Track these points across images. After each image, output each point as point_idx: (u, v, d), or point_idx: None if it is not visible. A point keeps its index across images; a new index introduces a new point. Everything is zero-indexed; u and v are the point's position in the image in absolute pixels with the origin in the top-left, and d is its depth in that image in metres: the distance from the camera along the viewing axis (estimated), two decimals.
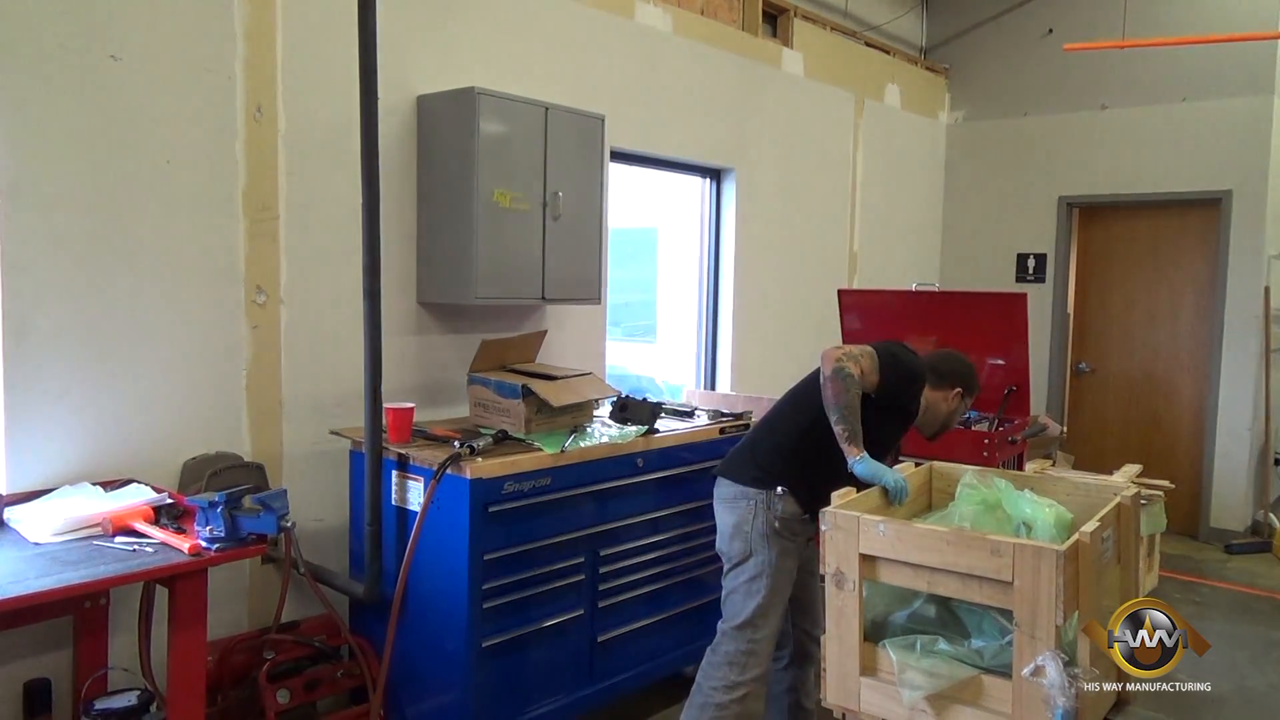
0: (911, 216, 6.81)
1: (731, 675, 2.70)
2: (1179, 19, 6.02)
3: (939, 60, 7.04)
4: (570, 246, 3.66)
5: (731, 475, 2.82)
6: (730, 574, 2.78)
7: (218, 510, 2.28)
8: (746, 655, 2.70)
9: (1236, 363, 5.96)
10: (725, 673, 2.70)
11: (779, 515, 2.71)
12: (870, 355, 2.71)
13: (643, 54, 4.54)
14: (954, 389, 2.90)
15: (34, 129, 2.59)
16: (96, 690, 2.57)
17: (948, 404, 2.91)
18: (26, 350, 2.60)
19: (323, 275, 3.26)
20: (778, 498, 2.71)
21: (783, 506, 2.71)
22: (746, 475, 2.78)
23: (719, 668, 2.72)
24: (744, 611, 2.71)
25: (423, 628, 2.97)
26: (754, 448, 2.85)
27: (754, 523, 2.71)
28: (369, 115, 2.88)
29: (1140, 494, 2.76)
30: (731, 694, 2.69)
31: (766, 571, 2.70)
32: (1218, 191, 5.98)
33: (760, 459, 2.79)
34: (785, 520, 2.71)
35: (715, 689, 2.71)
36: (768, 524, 2.70)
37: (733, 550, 2.76)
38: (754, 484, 2.75)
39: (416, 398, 3.41)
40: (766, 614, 2.71)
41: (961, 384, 2.91)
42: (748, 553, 2.72)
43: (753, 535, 2.71)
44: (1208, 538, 6.05)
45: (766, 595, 2.70)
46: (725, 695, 2.69)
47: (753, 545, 2.71)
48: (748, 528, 2.72)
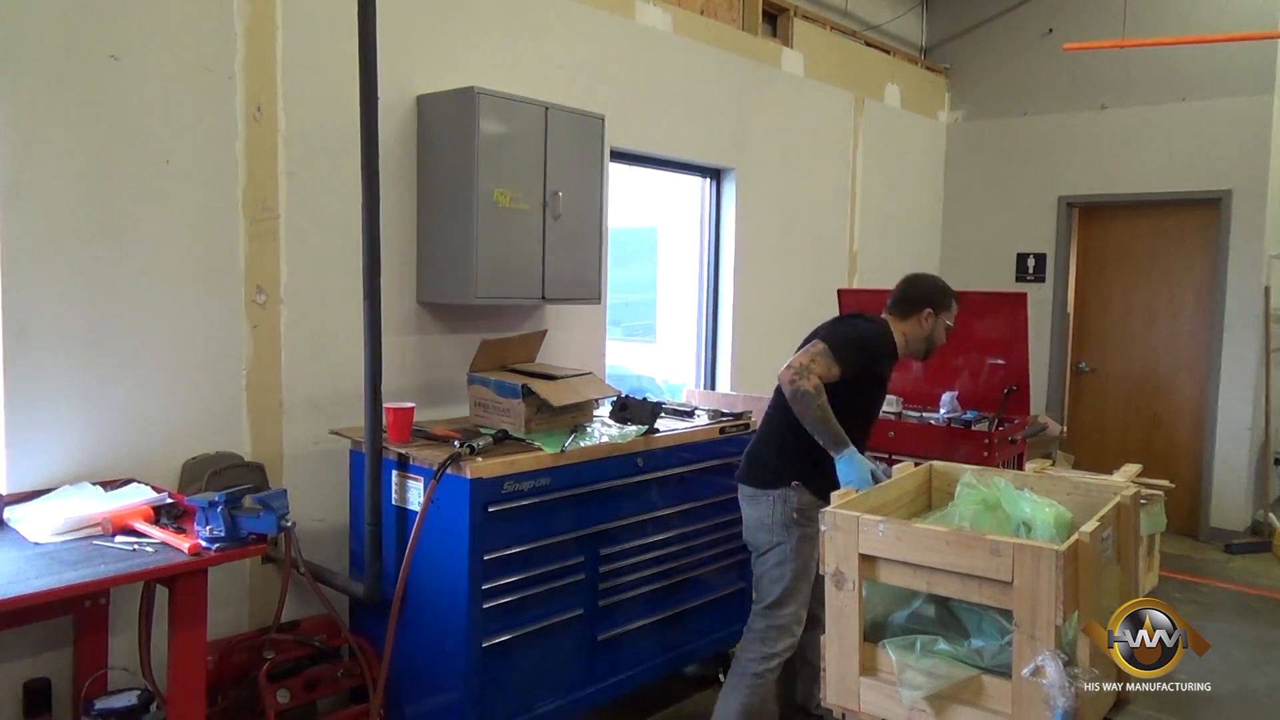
0: (911, 216, 6.81)
1: (764, 649, 2.96)
2: (1179, 19, 6.02)
3: (939, 60, 7.04)
4: (570, 246, 3.66)
5: (748, 481, 3.04)
6: (758, 561, 3.02)
7: (218, 510, 2.28)
8: (778, 630, 2.96)
9: (1236, 363, 5.96)
10: (759, 648, 2.97)
11: (795, 507, 2.93)
12: (821, 354, 2.81)
13: (643, 54, 4.54)
14: (923, 311, 3.03)
15: (34, 129, 2.59)
16: (96, 690, 2.57)
17: (922, 327, 3.04)
18: (27, 350, 2.60)
19: (323, 275, 3.26)
20: (792, 491, 2.93)
21: (798, 498, 2.93)
22: (760, 478, 3.00)
23: (753, 644, 2.99)
24: (771, 593, 2.96)
25: (423, 627, 2.97)
26: (760, 450, 3.06)
27: (774, 516, 2.95)
28: (369, 115, 2.88)
29: (1140, 494, 2.76)
30: (765, 664, 2.96)
31: (790, 558, 2.94)
32: (1218, 191, 5.98)
33: (768, 461, 3.00)
34: (802, 510, 2.92)
35: (751, 660, 2.97)
36: (786, 515, 2.93)
37: (758, 541, 3.00)
38: (768, 485, 2.97)
39: (416, 397, 3.41)
40: (793, 594, 2.95)
41: (929, 304, 3.03)
42: (772, 542, 2.96)
43: (774, 526, 2.95)
44: (1208, 537, 6.05)
45: (791, 579, 2.94)
46: (760, 665, 2.96)
47: (775, 535, 2.95)
48: (769, 520, 2.96)
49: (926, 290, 3.08)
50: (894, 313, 3.09)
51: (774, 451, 3.00)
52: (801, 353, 2.86)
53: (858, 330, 2.98)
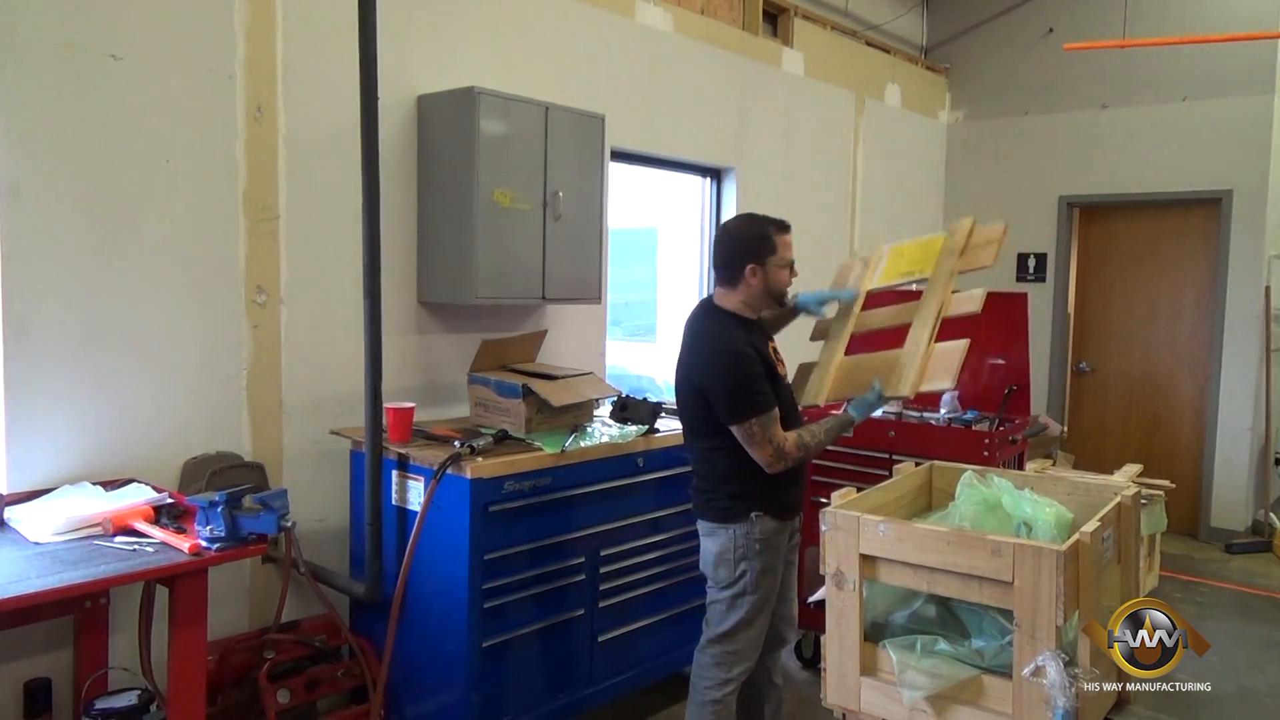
0: (912, 216, 6.80)
1: (721, 674, 2.77)
2: (1179, 19, 6.02)
3: (939, 60, 7.04)
4: (570, 246, 3.66)
5: (704, 515, 2.78)
6: (714, 591, 2.79)
7: (218, 510, 2.28)
8: (733, 655, 2.77)
9: (1236, 362, 5.96)
10: (715, 672, 2.78)
11: (758, 537, 2.69)
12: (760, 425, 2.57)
13: (643, 54, 4.54)
14: (745, 269, 2.69)
15: (34, 129, 2.59)
16: (97, 690, 2.57)
17: (753, 286, 2.71)
18: (27, 349, 2.60)
19: (323, 275, 3.26)
20: (754, 522, 2.69)
21: (760, 528, 2.69)
22: (715, 512, 2.74)
23: (708, 669, 2.80)
24: (727, 622, 2.75)
25: (423, 628, 2.98)
26: (710, 485, 2.77)
27: (735, 549, 2.71)
28: (369, 115, 2.88)
29: (1140, 493, 2.77)
30: (724, 689, 2.78)
31: (749, 590, 2.72)
32: (1218, 191, 5.98)
33: (723, 493, 2.72)
34: (765, 540, 2.71)
35: (709, 687, 2.79)
36: (749, 547, 2.70)
37: (719, 576, 2.76)
38: (729, 519, 2.71)
39: (417, 397, 3.41)
40: (751, 623, 2.76)
41: (747, 259, 2.69)
42: (733, 577, 2.72)
43: (735, 560, 2.71)
44: (1208, 537, 6.05)
45: (748, 611, 2.73)
46: (719, 692, 2.77)
47: (736, 569, 2.71)
48: (730, 555, 2.71)
49: (738, 246, 2.73)
50: (721, 286, 2.78)
51: (721, 477, 2.72)
52: (757, 449, 2.58)
53: (725, 362, 2.62)
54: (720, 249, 2.79)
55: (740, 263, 2.70)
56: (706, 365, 2.67)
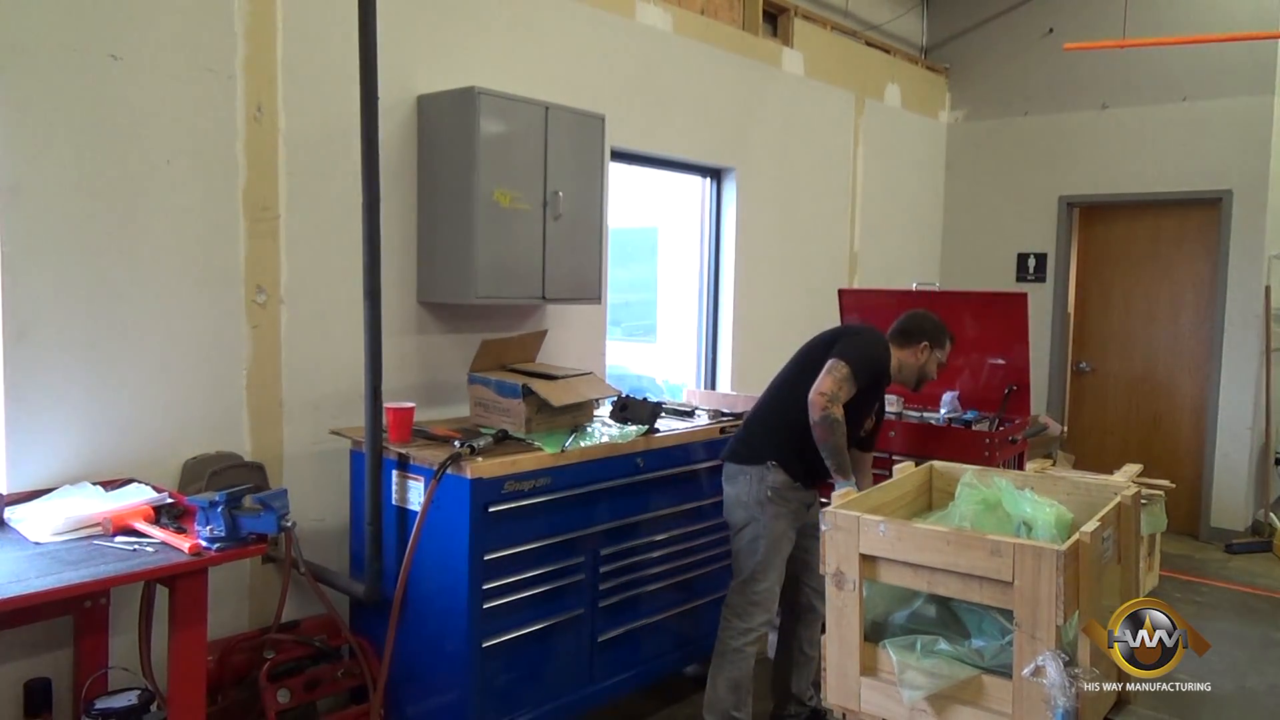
0: (912, 216, 6.81)
1: (741, 624, 3.11)
2: (1179, 19, 6.02)
3: (939, 60, 7.04)
4: (570, 246, 3.66)
5: (731, 458, 3.22)
6: (735, 538, 3.17)
7: (218, 510, 2.28)
8: (752, 605, 3.11)
9: (1236, 362, 5.96)
10: (736, 623, 3.12)
11: (770, 485, 3.09)
12: (847, 380, 3.02)
13: (643, 54, 4.54)
14: (919, 344, 3.28)
15: (34, 129, 2.59)
16: (97, 690, 2.57)
17: (917, 359, 3.29)
18: (27, 350, 2.60)
19: (323, 275, 3.26)
20: (768, 470, 3.09)
21: (774, 477, 3.09)
22: (740, 455, 3.19)
23: (730, 619, 3.14)
24: (746, 568, 3.12)
25: (423, 628, 2.97)
26: (748, 432, 3.25)
27: (750, 493, 3.11)
28: (369, 115, 2.88)
29: (1141, 493, 2.77)
30: (744, 639, 3.11)
31: (763, 534, 3.09)
32: (1218, 191, 5.98)
33: (752, 441, 3.19)
34: (776, 489, 3.09)
35: (730, 635, 3.13)
36: (761, 493, 3.09)
37: (735, 518, 3.17)
38: (747, 461, 3.14)
39: (416, 397, 3.41)
40: (766, 569, 3.09)
41: (926, 339, 3.29)
42: (748, 519, 3.12)
43: (750, 504, 3.11)
44: (1208, 537, 6.05)
45: (764, 553, 3.09)
46: (739, 640, 3.11)
47: (750, 512, 3.11)
48: (745, 498, 3.12)
49: (927, 325, 3.31)
50: (893, 341, 3.29)
51: (761, 431, 3.18)
52: (830, 379, 2.99)
53: (874, 350, 3.16)
54: (909, 320, 3.35)
55: (919, 337, 3.30)
56: (862, 335, 3.20)
